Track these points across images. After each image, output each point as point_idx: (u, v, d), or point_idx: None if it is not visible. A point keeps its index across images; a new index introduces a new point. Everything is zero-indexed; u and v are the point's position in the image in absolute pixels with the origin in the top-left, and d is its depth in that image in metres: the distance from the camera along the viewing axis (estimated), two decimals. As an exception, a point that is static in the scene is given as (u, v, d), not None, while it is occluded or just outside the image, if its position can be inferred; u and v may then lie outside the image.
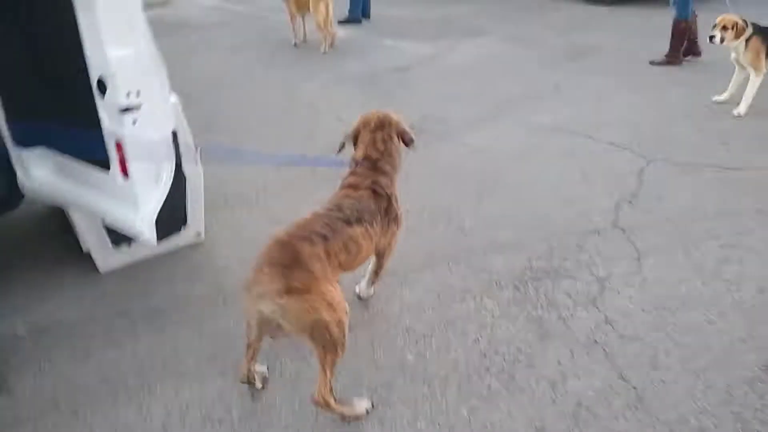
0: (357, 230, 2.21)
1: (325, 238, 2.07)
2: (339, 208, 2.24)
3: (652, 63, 6.14)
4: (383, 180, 2.41)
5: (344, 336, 2.04)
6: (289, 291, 1.91)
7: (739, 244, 3.17)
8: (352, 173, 2.45)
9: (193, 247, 3.30)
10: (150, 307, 2.87)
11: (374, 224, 2.31)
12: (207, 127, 4.81)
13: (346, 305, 2.08)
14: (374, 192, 2.36)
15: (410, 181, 3.87)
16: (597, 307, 2.75)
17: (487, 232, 3.36)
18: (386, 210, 2.40)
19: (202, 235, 3.32)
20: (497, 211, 3.58)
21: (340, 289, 2.09)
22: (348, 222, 2.19)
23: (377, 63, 6.34)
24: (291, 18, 6.84)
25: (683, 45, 6.02)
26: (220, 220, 3.52)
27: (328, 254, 2.05)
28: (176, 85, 2.78)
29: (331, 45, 6.81)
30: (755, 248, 3.13)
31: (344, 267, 2.21)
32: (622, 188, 3.76)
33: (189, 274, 3.10)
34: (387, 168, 2.44)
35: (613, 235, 3.31)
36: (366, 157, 2.43)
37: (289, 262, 1.96)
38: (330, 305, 1.97)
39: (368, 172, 2.41)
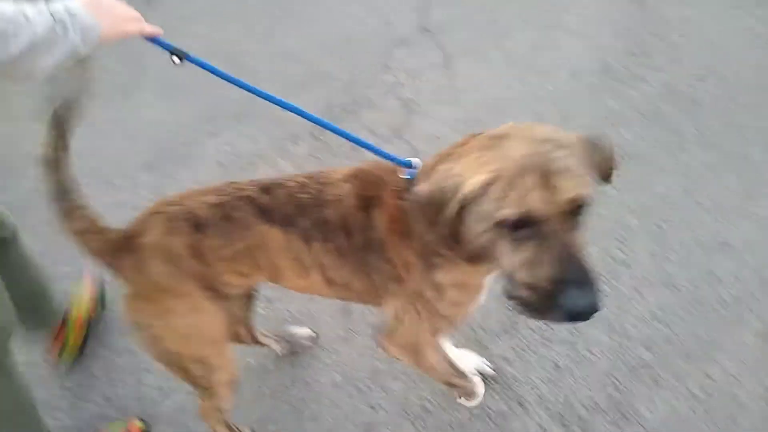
0: (275, 234, 1.20)
1: (199, 227, 1.18)
2: (269, 187, 1.21)
3: None
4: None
5: (210, 381, 1.35)
6: (116, 268, 1.24)
7: (554, 24, 2.85)
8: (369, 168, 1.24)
9: None
10: None
11: (320, 242, 1.20)
12: None
13: (222, 342, 1.35)
14: (366, 204, 1.18)
15: (193, 19, 3.16)
16: (405, 139, 2.43)
17: (279, 73, 2.82)
18: (366, 241, 1.19)
19: None
20: (291, 43, 3.00)
21: (220, 315, 1.29)
22: (265, 216, 1.19)
23: None
24: None
25: None
26: None
27: (198, 254, 1.19)
28: None
29: None
30: (569, 26, 2.83)
31: (249, 278, 1.30)
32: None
33: None
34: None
35: (422, 40, 2.88)
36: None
37: (123, 243, 1.21)
38: (184, 335, 1.26)
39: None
